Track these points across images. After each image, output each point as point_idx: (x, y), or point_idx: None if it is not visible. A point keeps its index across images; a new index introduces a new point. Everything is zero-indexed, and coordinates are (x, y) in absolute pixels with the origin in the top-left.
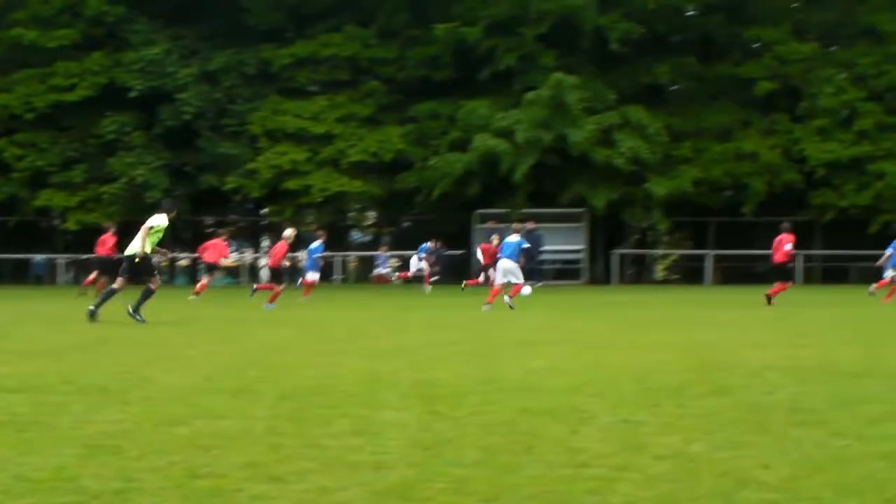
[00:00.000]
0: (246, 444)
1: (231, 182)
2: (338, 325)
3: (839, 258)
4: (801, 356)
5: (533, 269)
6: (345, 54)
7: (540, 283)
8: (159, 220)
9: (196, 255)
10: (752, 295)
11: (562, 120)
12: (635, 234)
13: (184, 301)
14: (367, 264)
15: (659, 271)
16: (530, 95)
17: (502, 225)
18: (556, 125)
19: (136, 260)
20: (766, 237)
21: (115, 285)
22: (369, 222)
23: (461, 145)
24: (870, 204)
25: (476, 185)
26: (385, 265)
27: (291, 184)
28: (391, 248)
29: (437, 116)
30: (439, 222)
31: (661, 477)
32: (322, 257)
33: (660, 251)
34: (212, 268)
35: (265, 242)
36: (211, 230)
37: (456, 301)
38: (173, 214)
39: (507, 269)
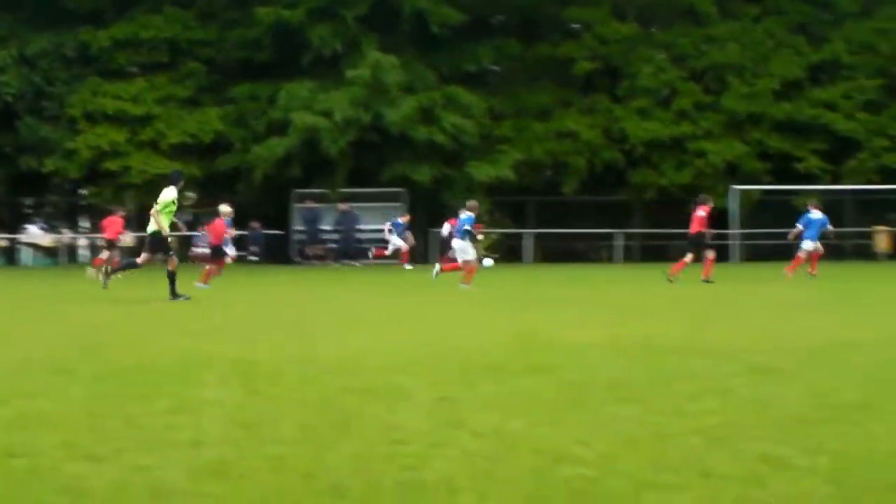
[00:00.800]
0: (63, 423)
1: (50, 164)
2: (158, 304)
3: (659, 236)
4: (622, 334)
5: (350, 248)
6: (164, 36)
7: (358, 263)
8: (170, 194)
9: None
10: (573, 272)
11: (380, 100)
12: (455, 213)
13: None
14: (187, 244)
15: (479, 250)
16: (349, 74)
17: (321, 204)
18: (375, 105)
19: (157, 237)
20: (586, 216)
21: (138, 260)
22: (189, 203)
23: (281, 127)
24: (689, 182)
25: (297, 166)
26: (204, 245)
27: (111, 165)
28: None
29: (256, 98)
30: (261, 203)
31: (479, 454)
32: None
33: (479, 231)
34: (111, 244)
35: (85, 223)
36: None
37: (280, 279)
38: (181, 185)
39: (460, 248)
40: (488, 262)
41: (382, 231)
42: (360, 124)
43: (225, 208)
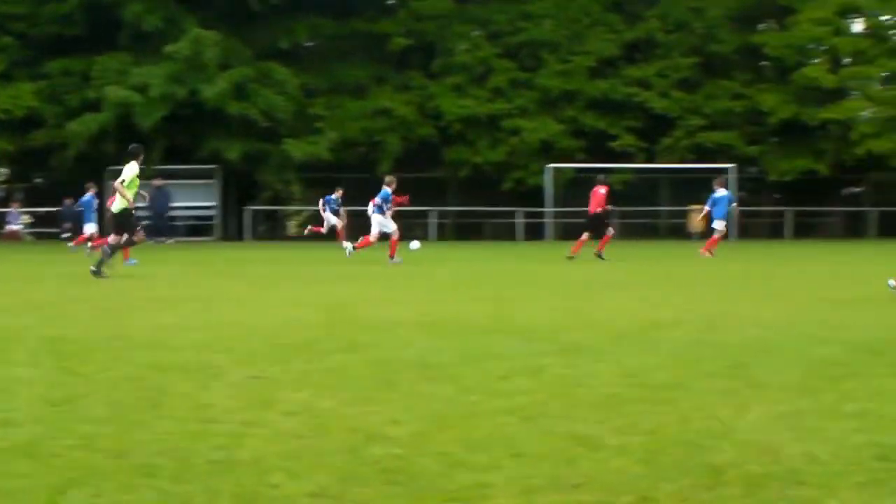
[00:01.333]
0: None
1: None
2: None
3: (473, 214)
4: (433, 312)
5: (162, 225)
6: None
7: (171, 240)
8: (133, 169)
9: None
10: (387, 250)
11: (197, 75)
12: (268, 190)
13: None
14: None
15: (292, 227)
16: (168, 50)
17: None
18: (191, 80)
19: (124, 214)
20: (402, 192)
21: (110, 240)
22: (1, 179)
23: (96, 104)
24: (503, 160)
25: (111, 142)
26: (17, 221)
27: None
28: (24, 205)
29: (70, 74)
30: (73, 182)
31: (290, 432)
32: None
33: (293, 208)
34: None
35: None
36: None
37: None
38: (141, 158)
39: (380, 223)
40: (415, 244)
41: (197, 208)
42: (175, 99)
43: None
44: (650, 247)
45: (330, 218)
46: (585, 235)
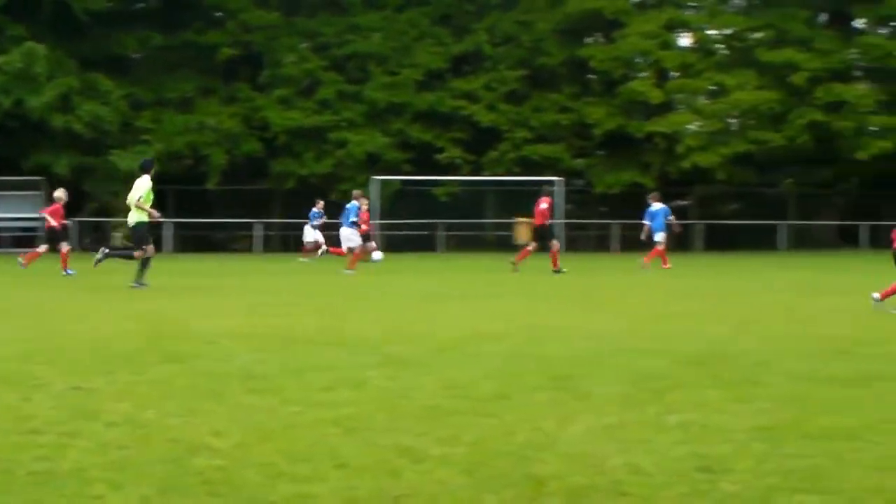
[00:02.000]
0: None
1: None
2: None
3: (298, 226)
4: (259, 324)
5: None
6: None
7: None
8: (147, 183)
9: None
10: (212, 262)
11: (24, 86)
12: (95, 201)
13: None
14: None
15: (120, 239)
16: None
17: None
18: (16, 91)
19: (140, 227)
20: (228, 206)
21: (136, 254)
22: None
23: None
24: (330, 172)
25: None
26: None
27: None
28: None
29: None
30: None
31: (113, 443)
32: None
33: (119, 219)
34: None
35: None
36: None
37: None
38: (153, 172)
39: (345, 236)
40: (378, 255)
41: (21, 220)
42: (1, 110)
43: (59, 193)
44: (477, 258)
45: (312, 233)
46: (532, 247)
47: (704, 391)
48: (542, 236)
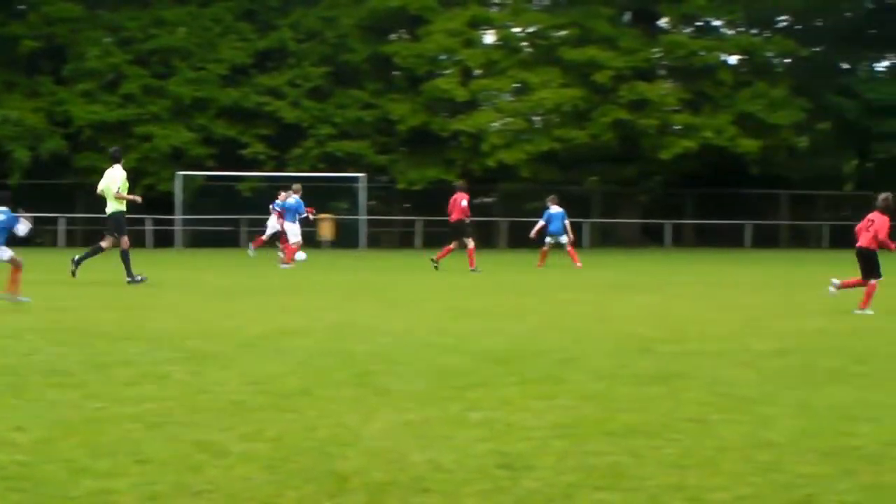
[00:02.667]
0: None
1: None
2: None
3: (100, 221)
4: (60, 319)
5: None
6: None
7: None
8: (121, 172)
9: None
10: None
11: None
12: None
13: None
14: None
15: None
16: None
17: None
18: None
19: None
20: (33, 200)
21: (104, 245)
22: None
23: None
24: (134, 167)
25: None
26: None
27: None
28: None
29: None
30: None
31: None
32: None
33: None
34: None
35: None
36: None
37: None
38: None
39: (291, 231)
40: (301, 255)
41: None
42: None
43: None
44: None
45: (275, 224)
46: (453, 244)
47: (507, 388)
48: (460, 232)
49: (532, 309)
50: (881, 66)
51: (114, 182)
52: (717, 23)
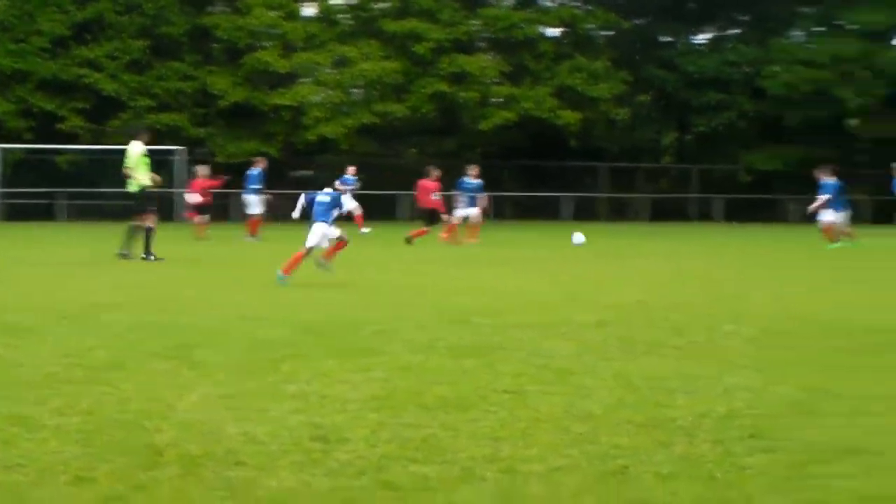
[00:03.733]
0: None
1: None
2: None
3: None
4: None
5: None
6: None
7: None
8: (138, 148)
9: None
10: None
11: None
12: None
13: None
14: None
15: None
16: None
17: None
18: None
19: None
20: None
21: (149, 223)
22: None
23: None
24: None
25: None
26: None
27: None
28: None
29: None
30: None
31: None
32: None
33: None
34: None
35: None
36: None
37: None
38: (146, 138)
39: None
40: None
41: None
42: None
43: None
44: (96, 228)
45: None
46: (426, 229)
47: (322, 361)
48: (431, 217)
49: (352, 282)
50: (701, 38)
51: (129, 159)
52: None
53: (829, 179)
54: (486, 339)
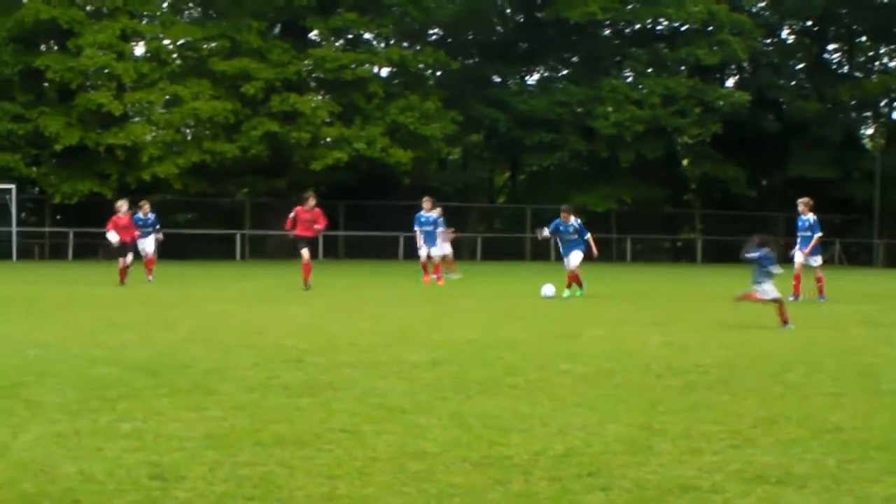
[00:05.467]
0: None
1: None
2: None
3: None
4: None
5: None
6: None
7: None
8: None
9: None
10: None
11: None
12: None
13: None
14: None
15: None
16: None
17: None
18: None
19: None
20: None
21: None
22: None
23: None
24: None
25: None
26: None
27: None
28: None
29: None
30: None
31: None
32: None
33: None
34: None
35: None
36: None
37: None
38: None
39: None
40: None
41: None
42: None
43: None
44: None
45: (442, 246)
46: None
47: (157, 399)
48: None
49: (181, 320)
50: (531, 79)
51: None
52: (368, 36)
53: None
54: (318, 378)
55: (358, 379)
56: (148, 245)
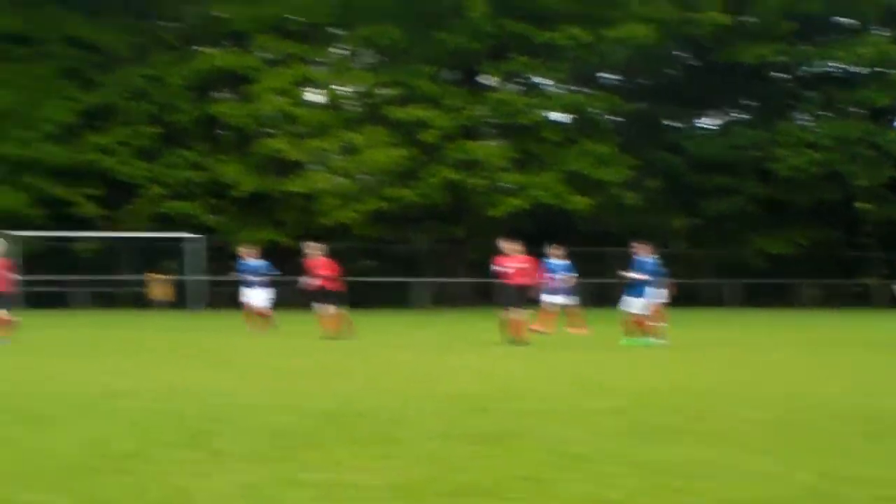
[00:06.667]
0: None
1: None
2: None
3: None
4: None
5: None
6: None
7: None
8: None
9: None
10: None
11: None
12: None
13: None
14: None
15: None
16: None
17: None
18: None
19: None
20: None
21: None
22: None
23: None
24: None
25: None
26: None
27: None
28: None
29: None
30: None
31: None
32: None
33: None
34: None
35: None
36: None
37: None
38: None
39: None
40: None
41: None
42: None
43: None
44: (111, 315)
45: (565, 293)
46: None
47: (338, 448)
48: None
49: (356, 369)
50: (705, 122)
51: None
52: (541, 80)
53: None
54: (501, 426)
55: (539, 426)
56: (254, 296)
